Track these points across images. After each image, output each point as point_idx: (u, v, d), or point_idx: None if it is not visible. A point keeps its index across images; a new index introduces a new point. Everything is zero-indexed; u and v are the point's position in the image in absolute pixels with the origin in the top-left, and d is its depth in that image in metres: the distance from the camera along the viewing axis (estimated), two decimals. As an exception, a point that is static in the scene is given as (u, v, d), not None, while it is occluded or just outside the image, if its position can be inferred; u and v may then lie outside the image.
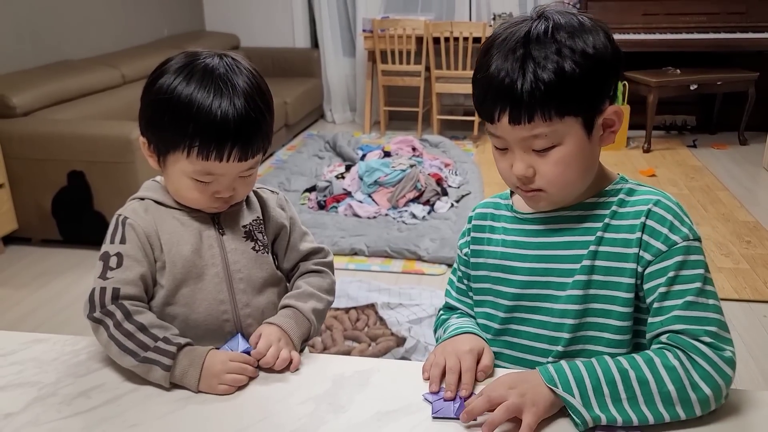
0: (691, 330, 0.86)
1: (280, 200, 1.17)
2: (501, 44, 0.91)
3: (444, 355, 0.96)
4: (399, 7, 5.51)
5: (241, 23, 5.71)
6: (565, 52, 0.88)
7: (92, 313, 0.98)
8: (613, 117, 0.94)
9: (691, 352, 0.85)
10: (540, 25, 0.90)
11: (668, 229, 0.91)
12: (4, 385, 0.96)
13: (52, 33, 3.92)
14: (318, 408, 0.89)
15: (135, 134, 2.96)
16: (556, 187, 0.94)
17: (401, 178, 3.65)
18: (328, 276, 1.17)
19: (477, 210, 1.11)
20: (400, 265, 3.04)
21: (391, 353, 2.31)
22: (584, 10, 0.93)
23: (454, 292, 1.15)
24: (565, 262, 0.98)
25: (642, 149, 4.60)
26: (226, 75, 0.97)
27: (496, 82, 0.90)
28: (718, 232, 3.26)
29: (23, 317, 2.63)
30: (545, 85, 0.87)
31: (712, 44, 4.59)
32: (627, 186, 0.98)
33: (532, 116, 0.88)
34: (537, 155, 0.92)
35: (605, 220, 0.96)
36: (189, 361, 0.94)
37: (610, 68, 0.92)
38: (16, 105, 3.19)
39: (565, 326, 0.97)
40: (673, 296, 0.89)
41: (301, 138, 5.17)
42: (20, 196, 3.15)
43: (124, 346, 0.95)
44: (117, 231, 1.03)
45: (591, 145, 0.94)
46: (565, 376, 0.85)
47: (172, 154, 0.99)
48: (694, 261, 0.90)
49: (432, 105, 5.15)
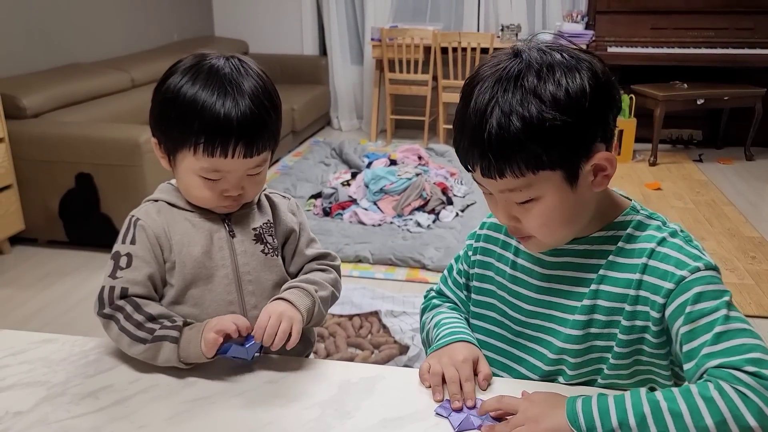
0: (729, 362, 0.76)
1: (291, 205, 1.18)
2: (478, 86, 0.84)
3: (441, 365, 0.94)
4: (408, 16, 5.54)
5: (250, 29, 5.74)
6: (533, 101, 0.79)
7: (102, 310, 1.01)
8: (603, 163, 0.85)
9: (734, 383, 0.74)
10: (512, 66, 0.82)
11: (674, 266, 0.85)
12: (14, 384, 0.97)
13: (63, 36, 3.95)
14: (324, 413, 0.90)
15: (143, 137, 2.98)
16: (543, 236, 0.90)
17: (407, 186, 3.66)
18: (332, 272, 1.16)
19: (493, 219, 1.05)
20: (404, 273, 3.04)
21: (394, 361, 2.31)
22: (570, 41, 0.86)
23: (450, 282, 1.14)
24: (567, 297, 0.95)
25: (648, 163, 4.60)
26: (231, 75, 0.99)
27: (467, 130, 0.84)
28: (723, 247, 3.25)
29: (28, 317, 2.64)
30: (511, 138, 0.79)
31: (719, 59, 4.61)
32: (637, 218, 0.92)
33: (502, 172, 0.82)
34: (519, 206, 0.87)
35: (609, 257, 0.91)
36: (193, 330, 0.98)
37: (592, 113, 0.82)
38: (26, 106, 3.21)
39: (566, 362, 0.96)
40: (699, 333, 0.80)
41: (308, 144, 5.19)
42: (28, 197, 3.16)
43: (134, 335, 0.98)
44: (129, 232, 1.05)
45: (577, 195, 0.86)
46: (590, 406, 0.78)
47: (180, 153, 1.01)
48: (712, 291, 0.82)
49: (439, 114, 5.16)
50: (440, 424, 0.87)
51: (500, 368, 1.04)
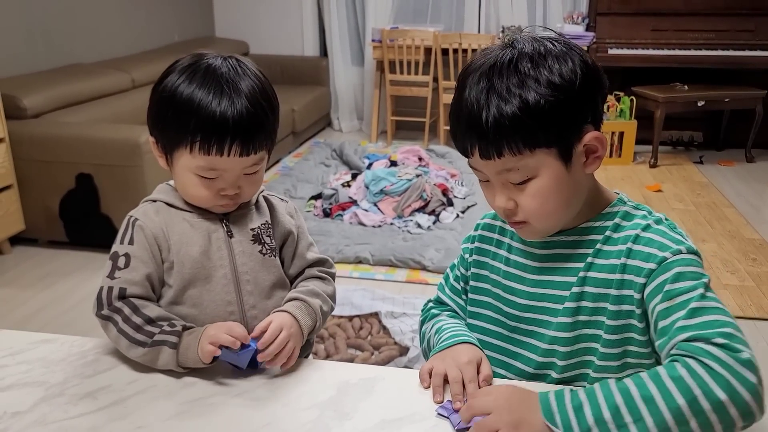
0: (700, 334, 0.77)
1: (289, 208, 1.19)
2: (471, 75, 0.89)
3: (444, 366, 0.95)
4: (408, 17, 5.54)
5: (251, 30, 5.74)
6: (529, 83, 0.85)
7: (100, 311, 1.01)
8: (594, 143, 0.90)
9: (702, 356, 0.74)
10: (506, 54, 0.88)
11: (657, 249, 0.87)
12: (12, 384, 0.97)
13: (64, 36, 3.95)
14: (323, 415, 0.90)
15: (143, 138, 2.98)
16: (538, 219, 0.92)
17: (407, 187, 3.66)
18: (331, 284, 1.18)
19: (486, 220, 1.10)
20: (405, 274, 3.04)
21: (394, 362, 2.31)
22: (560, 34, 0.93)
23: (448, 289, 1.15)
24: (557, 288, 0.97)
25: (648, 164, 4.60)
26: (228, 74, 1.00)
27: (464, 116, 0.89)
28: (724, 249, 3.25)
29: (28, 317, 2.64)
30: (509, 119, 0.85)
31: (720, 61, 4.61)
32: (624, 209, 0.95)
33: (501, 151, 0.87)
34: (515, 188, 0.91)
35: (597, 245, 0.94)
36: (192, 336, 0.98)
37: (582, 95, 0.88)
38: (26, 107, 3.21)
39: (557, 353, 0.96)
40: (674, 309, 0.82)
41: (308, 145, 5.19)
42: (28, 197, 3.17)
43: (133, 338, 0.98)
44: (127, 232, 1.05)
45: (571, 174, 0.90)
46: (564, 405, 0.78)
47: (177, 151, 1.02)
48: (692, 272, 0.85)
49: (439, 115, 5.16)
50: (439, 425, 0.87)
51: (498, 365, 1.04)
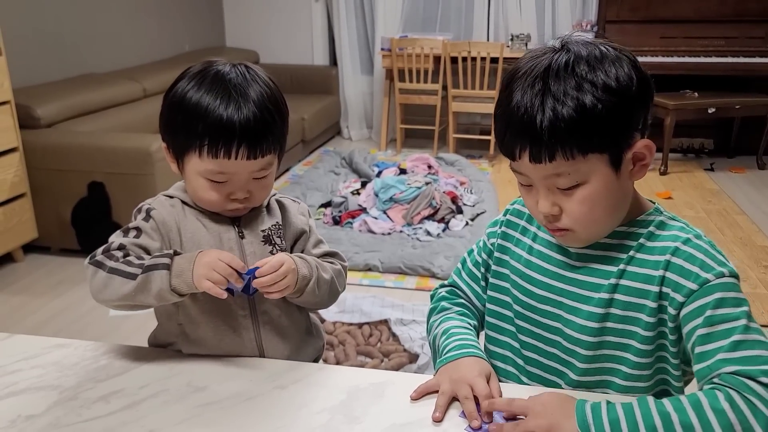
0: (744, 371, 0.78)
1: (301, 209, 1.21)
2: (522, 78, 0.87)
3: (451, 384, 0.92)
4: (417, 26, 5.56)
5: (261, 40, 5.79)
6: (586, 87, 0.83)
7: (93, 258, 1.01)
8: (643, 151, 0.90)
9: (746, 392, 0.75)
10: (561, 57, 0.86)
11: (699, 268, 0.86)
12: (27, 388, 0.98)
13: (77, 46, 4.00)
14: (333, 419, 0.90)
15: (154, 146, 3.00)
16: (583, 226, 0.91)
17: (416, 195, 3.66)
18: (338, 265, 1.18)
19: (516, 206, 1.08)
20: (414, 281, 3.04)
21: (404, 369, 2.30)
22: (607, 38, 0.92)
23: (465, 274, 1.13)
24: (583, 287, 0.96)
25: (659, 172, 4.59)
26: (236, 80, 1.02)
27: (515, 119, 0.86)
28: (736, 256, 3.23)
29: (41, 325, 2.66)
30: (565, 122, 0.83)
31: (730, 68, 4.59)
32: (659, 218, 0.94)
33: (553, 155, 0.85)
34: (562, 193, 0.89)
35: (630, 252, 0.92)
36: (185, 260, 0.98)
37: (637, 100, 0.87)
38: (40, 116, 3.25)
39: (577, 354, 0.96)
40: (716, 337, 0.82)
41: (318, 154, 5.22)
42: (41, 205, 3.20)
43: (125, 272, 0.97)
44: (140, 213, 1.08)
45: (620, 182, 0.89)
46: (600, 418, 0.78)
47: (187, 155, 1.04)
48: (733, 298, 0.84)
49: (448, 124, 5.17)
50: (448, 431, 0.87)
51: (511, 351, 1.04)
